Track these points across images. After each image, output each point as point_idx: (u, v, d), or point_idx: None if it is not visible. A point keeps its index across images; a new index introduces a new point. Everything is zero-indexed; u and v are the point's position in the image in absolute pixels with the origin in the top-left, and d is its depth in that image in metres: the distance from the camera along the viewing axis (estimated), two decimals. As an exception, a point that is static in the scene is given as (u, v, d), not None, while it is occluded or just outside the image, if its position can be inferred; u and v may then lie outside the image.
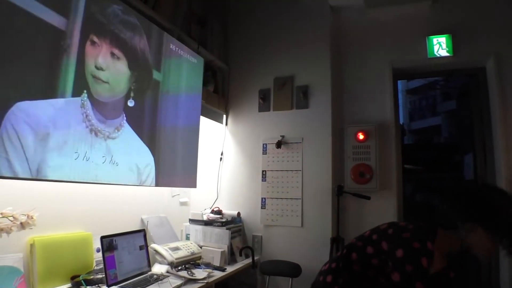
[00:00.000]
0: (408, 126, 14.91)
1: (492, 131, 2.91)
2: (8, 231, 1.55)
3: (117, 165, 2.15)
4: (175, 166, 2.68)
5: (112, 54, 2.11)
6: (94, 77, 1.98)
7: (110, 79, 2.09)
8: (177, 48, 2.67)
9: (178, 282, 2.20)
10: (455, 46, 2.94)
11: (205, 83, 3.06)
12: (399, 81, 3.34)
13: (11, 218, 1.57)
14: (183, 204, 3.15)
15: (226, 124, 3.39)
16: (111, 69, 2.09)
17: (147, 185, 2.43)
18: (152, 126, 2.45)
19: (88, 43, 1.94)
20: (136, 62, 2.27)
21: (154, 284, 2.11)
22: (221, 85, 3.37)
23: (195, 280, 2.29)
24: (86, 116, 1.93)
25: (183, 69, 2.74)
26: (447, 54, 2.94)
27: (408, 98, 15.11)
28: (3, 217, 1.56)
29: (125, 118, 2.21)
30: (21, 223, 1.61)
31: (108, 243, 2.11)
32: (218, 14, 3.42)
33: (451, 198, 1.46)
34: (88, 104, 1.93)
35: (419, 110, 15.22)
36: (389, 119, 3.00)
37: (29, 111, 1.62)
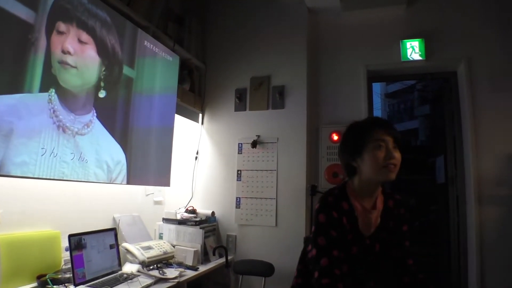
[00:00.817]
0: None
1: (462, 134, 2.98)
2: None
3: (86, 162, 2.11)
4: (148, 164, 2.66)
5: (80, 40, 2.06)
6: (61, 63, 1.93)
7: (78, 63, 2.04)
8: (151, 46, 2.65)
9: (148, 281, 2.18)
10: (427, 50, 3.01)
11: (181, 81, 3.05)
12: (377, 84, 3.40)
13: (-27, 216, 1.53)
14: (157, 203, 3.12)
15: (202, 123, 3.38)
16: (78, 54, 2.04)
17: (118, 183, 2.40)
18: (125, 124, 2.42)
19: (55, 32, 1.90)
20: (105, 51, 2.24)
21: (123, 284, 2.08)
22: (198, 84, 3.35)
23: (166, 280, 2.27)
24: (54, 111, 1.89)
25: (158, 67, 2.72)
26: (420, 58, 3.00)
27: (387, 102, 15.41)
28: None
29: (95, 114, 2.17)
30: (-16, 221, 1.57)
31: (77, 241, 2.07)
32: (196, 12, 3.40)
33: (339, 151, 1.48)
34: (55, 99, 1.90)
35: (398, 113, 15.53)
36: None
37: (-8, 106, 1.58)
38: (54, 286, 1.88)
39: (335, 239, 1.32)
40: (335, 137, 2.99)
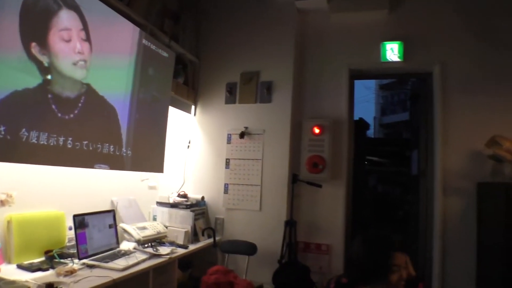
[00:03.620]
0: (379, 120, 15.48)
1: (433, 131, 3.24)
2: (-12, 208, 1.73)
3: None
4: (144, 153, 2.89)
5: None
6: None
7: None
8: (149, 43, 2.86)
9: (144, 256, 2.45)
10: (406, 52, 3.25)
11: (175, 75, 3.28)
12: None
13: (-9, 197, 1.75)
14: (152, 188, 3.37)
15: (195, 114, 3.62)
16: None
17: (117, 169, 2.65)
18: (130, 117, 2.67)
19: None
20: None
21: (122, 258, 2.33)
22: (192, 78, 3.58)
23: (159, 255, 2.54)
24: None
25: (154, 63, 2.92)
26: (398, 60, 3.24)
27: (381, 93, 15.64)
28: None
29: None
30: (1, 201, 1.79)
31: (80, 221, 2.33)
32: (191, 9, 3.60)
33: None
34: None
35: (391, 105, 15.78)
36: (343, 116, 3.30)
37: None
38: (61, 260, 2.13)
39: None
40: (317, 130, 3.25)
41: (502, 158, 2.75)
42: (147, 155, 2.93)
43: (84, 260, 2.21)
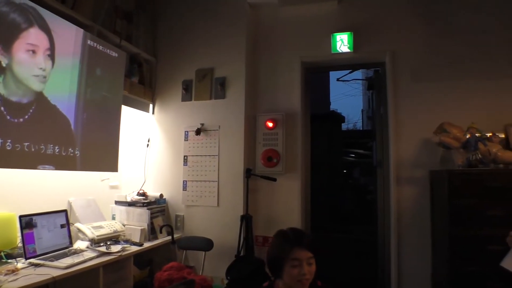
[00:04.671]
0: (367, 112, 15.49)
1: (387, 121, 3.27)
2: None
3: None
4: (97, 152, 2.92)
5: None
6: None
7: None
8: (95, 44, 2.88)
9: (93, 254, 2.49)
10: (355, 43, 3.28)
11: (129, 74, 3.30)
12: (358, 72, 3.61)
13: None
14: (114, 187, 3.40)
15: (153, 113, 3.64)
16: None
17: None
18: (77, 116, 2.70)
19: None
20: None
21: (69, 257, 2.37)
22: (149, 76, 3.60)
23: (109, 253, 2.57)
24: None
25: (103, 64, 2.94)
26: (348, 50, 3.27)
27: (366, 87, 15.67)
28: None
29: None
30: None
31: (27, 221, 2.36)
32: (147, 9, 3.62)
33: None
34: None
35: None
36: (296, 109, 3.33)
37: None
38: (8, 260, 2.17)
39: None
40: (270, 124, 3.28)
41: (448, 145, 2.78)
42: (98, 154, 2.94)
43: (31, 260, 2.24)
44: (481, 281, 2.41)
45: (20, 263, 2.19)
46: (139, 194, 3.34)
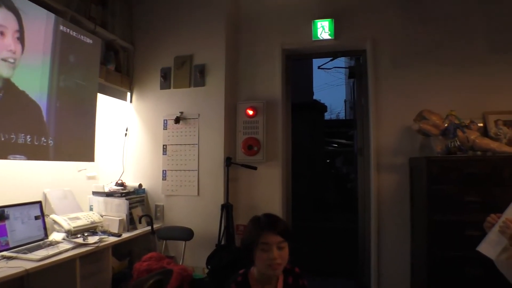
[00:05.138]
0: (350, 103, 15.57)
1: (368, 108, 3.27)
2: None
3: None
4: (71, 141, 2.83)
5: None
6: None
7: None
8: (68, 30, 2.77)
9: (69, 246, 2.42)
10: (336, 30, 3.25)
11: (105, 62, 3.20)
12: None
13: None
14: (91, 178, 3.31)
15: (131, 102, 3.56)
16: None
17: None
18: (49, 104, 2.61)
19: None
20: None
21: (44, 249, 2.31)
22: (126, 64, 3.50)
23: (86, 245, 2.51)
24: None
25: (76, 51, 2.84)
26: (329, 37, 3.25)
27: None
28: None
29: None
30: None
31: (-1, 213, 2.29)
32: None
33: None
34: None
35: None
36: (277, 97, 3.30)
37: None
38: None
39: None
40: (250, 112, 3.24)
41: (428, 132, 2.80)
42: (73, 144, 2.86)
43: (3, 253, 2.18)
44: (460, 266, 2.44)
45: (-7, 257, 2.13)
46: (117, 184, 3.28)
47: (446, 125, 2.71)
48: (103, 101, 3.30)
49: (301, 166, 5.64)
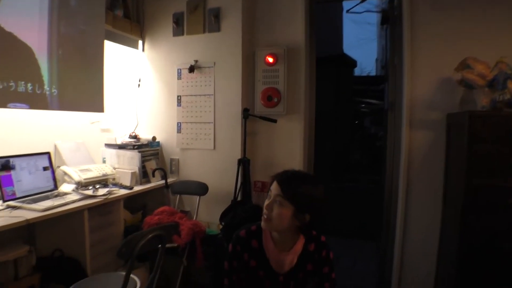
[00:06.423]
0: (381, 62, 14.67)
1: (402, 58, 2.91)
2: None
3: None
4: (75, 91, 2.69)
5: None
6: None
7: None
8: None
9: (77, 197, 2.34)
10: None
11: (112, 7, 2.97)
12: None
13: None
14: (105, 131, 3.20)
15: (143, 50, 3.34)
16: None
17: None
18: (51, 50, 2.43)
19: None
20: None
21: (50, 200, 2.25)
22: (136, 10, 3.26)
23: (94, 196, 2.43)
24: None
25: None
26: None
27: (382, 32, 14.69)
28: None
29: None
30: None
31: (3, 163, 2.22)
32: None
33: None
34: None
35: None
36: (300, 43, 2.98)
37: None
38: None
39: (234, 268, 1.51)
40: (270, 60, 2.95)
41: (472, 83, 2.43)
42: (80, 94, 2.71)
43: (9, 202, 2.13)
44: (498, 240, 2.15)
45: (-4, 206, 2.06)
46: (130, 136, 3.15)
47: (494, 74, 2.32)
48: (113, 50, 3.12)
49: (326, 124, 5.34)
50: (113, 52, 3.15)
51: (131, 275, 2.01)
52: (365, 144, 8.13)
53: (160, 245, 1.70)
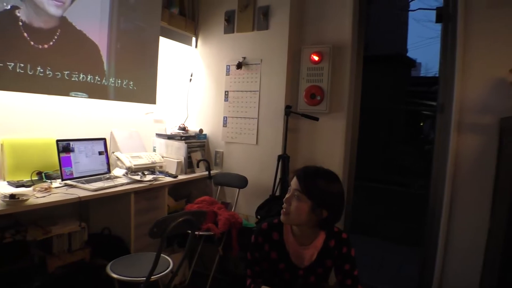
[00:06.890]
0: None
1: (455, 56, 2.77)
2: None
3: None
4: (130, 83, 2.90)
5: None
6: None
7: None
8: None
9: (125, 181, 2.55)
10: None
11: (168, 5, 3.16)
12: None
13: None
14: (158, 121, 3.42)
15: (196, 47, 3.51)
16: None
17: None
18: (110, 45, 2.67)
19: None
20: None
21: (102, 181, 2.45)
22: (191, 8, 3.43)
23: (140, 181, 2.62)
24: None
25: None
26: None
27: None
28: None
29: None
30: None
31: (64, 145, 2.46)
32: None
33: None
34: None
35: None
36: (346, 41, 2.95)
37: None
38: (46, 180, 2.29)
39: (256, 259, 1.56)
40: (315, 58, 2.96)
41: (529, 85, 2.28)
42: (135, 85, 2.92)
43: (67, 181, 2.35)
44: None
45: (57, 183, 2.30)
46: (180, 128, 3.33)
47: (555, 76, 2.16)
48: (167, 46, 3.31)
49: (375, 124, 5.16)
50: (168, 48, 3.34)
51: (166, 256, 2.18)
52: (420, 147, 7.74)
53: (190, 231, 1.81)
